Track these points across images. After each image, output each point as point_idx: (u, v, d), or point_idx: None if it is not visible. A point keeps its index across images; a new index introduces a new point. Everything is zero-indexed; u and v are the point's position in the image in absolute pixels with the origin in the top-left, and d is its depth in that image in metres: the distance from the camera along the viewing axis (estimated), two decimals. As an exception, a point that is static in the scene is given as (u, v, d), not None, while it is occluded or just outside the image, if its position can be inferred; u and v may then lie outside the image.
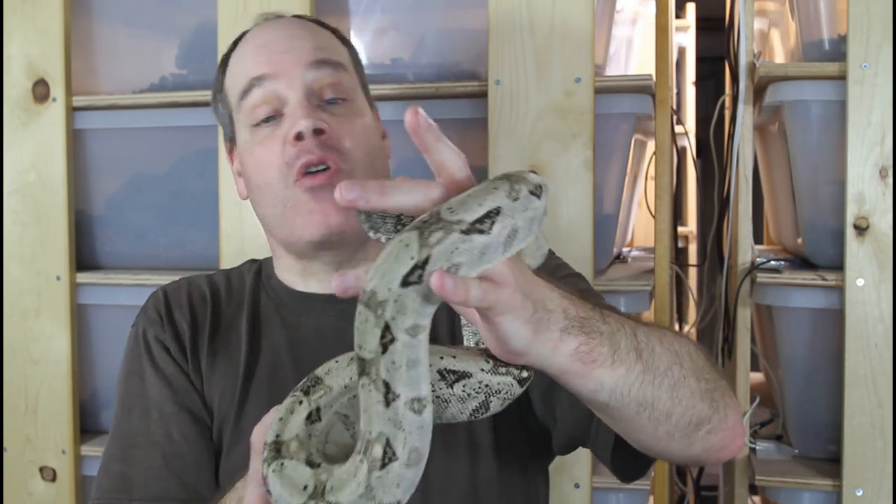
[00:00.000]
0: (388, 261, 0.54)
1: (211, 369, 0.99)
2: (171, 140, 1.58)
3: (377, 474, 0.57)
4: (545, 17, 1.35)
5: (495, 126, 1.37)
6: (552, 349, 0.62)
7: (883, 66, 1.30)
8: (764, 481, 1.41)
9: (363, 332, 0.56)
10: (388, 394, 0.56)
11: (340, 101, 0.97)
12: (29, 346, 1.58)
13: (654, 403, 0.68)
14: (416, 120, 0.58)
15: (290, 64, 0.95)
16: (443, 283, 0.52)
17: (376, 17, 1.51)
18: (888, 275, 1.31)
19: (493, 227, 0.55)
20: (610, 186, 1.48)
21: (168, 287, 1.05)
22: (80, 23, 1.60)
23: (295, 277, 1.02)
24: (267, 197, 0.97)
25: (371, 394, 0.57)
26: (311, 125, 0.92)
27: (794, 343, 1.44)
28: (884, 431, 1.32)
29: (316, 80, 0.96)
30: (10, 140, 1.58)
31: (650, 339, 0.68)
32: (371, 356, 0.56)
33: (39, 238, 1.57)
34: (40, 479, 1.58)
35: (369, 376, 0.57)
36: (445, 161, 0.59)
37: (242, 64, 0.99)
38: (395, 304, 0.55)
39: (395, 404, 0.56)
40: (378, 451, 0.57)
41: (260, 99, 0.96)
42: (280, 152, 0.94)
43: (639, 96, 1.42)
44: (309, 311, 1.01)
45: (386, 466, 0.57)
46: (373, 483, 0.57)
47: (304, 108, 0.93)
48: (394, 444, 0.57)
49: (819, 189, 1.41)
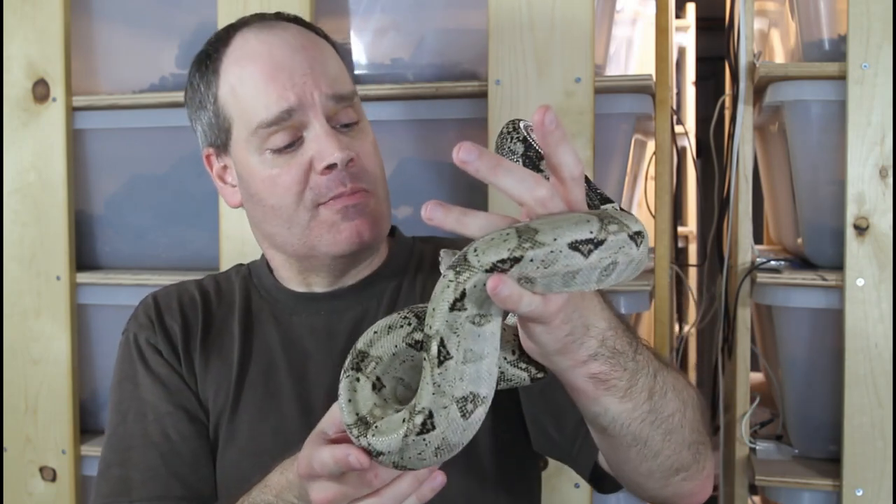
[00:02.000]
0: (490, 243, 0.58)
1: (204, 369, 1.00)
2: (171, 140, 1.58)
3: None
4: (545, 17, 1.35)
5: (495, 126, 1.37)
6: (572, 367, 0.66)
7: (883, 66, 1.30)
8: (764, 481, 1.41)
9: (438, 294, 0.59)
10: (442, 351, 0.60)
11: (353, 124, 0.98)
12: (29, 346, 1.58)
13: (647, 442, 0.73)
14: (544, 118, 0.58)
15: (310, 89, 0.93)
16: (498, 287, 0.56)
17: (376, 17, 1.51)
18: (888, 275, 1.31)
19: (591, 254, 0.58)
20: (610, 186, 1.48)
21: (158, 293, 1.05)
22: (80, 23, 1.60)
23: (289, 276, 1.03)
24: (279, 217, 0.96)
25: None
26: (344, 158, 0.92)
27: (794, 343, 1.44)
28: (884, 431, 1.32)
29: (335, 110, 0.95)
30: (10, 140, 1.58)
31: (666, 383, 0.73)
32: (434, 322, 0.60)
33: (39, 238, 1.57)
34: (40, 479, 1.58)
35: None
36: (563, 163, 0.60)
37: (259, 89, 0.94)
38: (477, 278, 0.58)
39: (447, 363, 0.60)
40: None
41: (282, 129, 0.93)
42: (301, 178, 0.93)
43: (639, 96, 1.42)
44: (301, 309, 1.02)
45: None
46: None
47: (332, 138, 0.93)
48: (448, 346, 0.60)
49: (819, 189, 1.41)
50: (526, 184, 0.59)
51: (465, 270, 0.58)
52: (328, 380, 0.96)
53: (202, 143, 1.03)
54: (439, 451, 0.62)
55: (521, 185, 0.59)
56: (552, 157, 0.60)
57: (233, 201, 1.03)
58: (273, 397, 0.98)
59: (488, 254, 0.57)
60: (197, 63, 1.01)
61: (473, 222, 0.59)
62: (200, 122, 1.01)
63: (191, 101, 1.02)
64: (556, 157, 0.60)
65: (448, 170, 1.49)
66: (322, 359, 0.98)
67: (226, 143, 0.99)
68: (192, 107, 1.02)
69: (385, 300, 1.00)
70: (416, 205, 1.47)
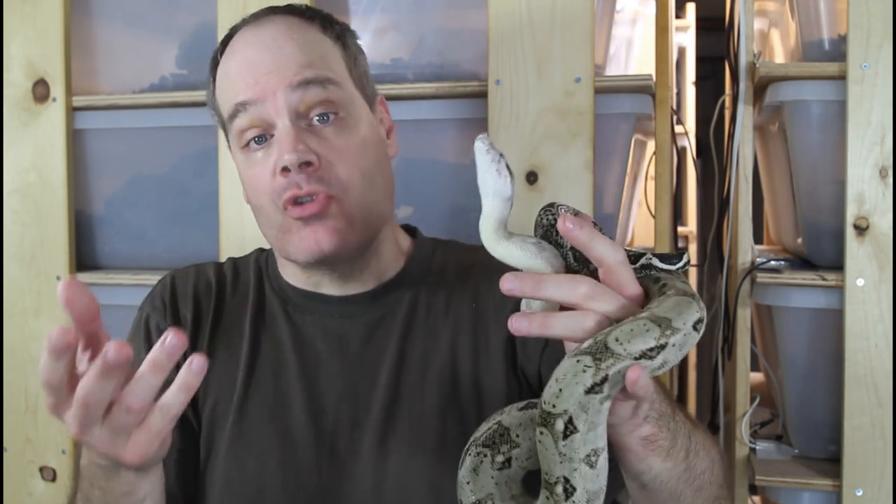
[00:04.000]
0: (631, 333, 0.64)
1: (211, 358, 0.98)
2: (171, 140, 1.58)
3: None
4: (545, 17, 1.35)
5: (495, 126, 1.37)
6: (630, 430, 0.71)
7: (883, 66, 1.30)
8: (764, 481, 1.41)
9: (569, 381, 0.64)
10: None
11: (332, 118, 0.93)
12: (29, 346, 1.58)
13: (681, 497, 0.77)
14: (565, 225, 0.66)
15: (273, 86, 0.91)
16: (640, 376, 0.62)
17: (376, 17, 1.51)
18: (888, 275, 1.31)
19: (701, 330, 0.66)
20: (610, 186, 1.48)
21: (177, 273, 1.05)
22: (80, 23, 1.60)
23: (294, 274, 1.03)
24: (262, 217, 0.96)
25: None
26: (295, 160, 0.88)
27: (794, 343, 1.44)
28: (884, 431, 1.32)
29: (302, 100, 0.91)
30: (10, 140, 1.58)
31: (698, 443, 0.78)
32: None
33: (39, 238, 1.57)
34: (40, 479, 1.58)
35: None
36: (603, 255, 0.66)
37: (228, 83, 0.95)
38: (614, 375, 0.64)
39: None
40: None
41: (247, 123, 0.93)
42: (270, 180, 0.92)
43: (639, 96, 1.42)
44: (313, 309, 1.01)
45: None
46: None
47: (289, 137, 0.90)
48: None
49: (819, 189, 1.41)
50: (566, 287, 0.65)
51: (609, 357, 0.63)
52: (339, 385, 0.96)
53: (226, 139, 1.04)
54: (590, 502, 0.67)
55: (563, 290, 0.65)
56: (590, 253, 0.66)
57: (245, 197, 1.03)
58: (282, 400, 0.97)
59: (635, 343, 0.63)
60: (211, 58, 1.02)
61: (558, 322, 0.66)
62: (216, 121, 1.03)
63: (208, 102, 1.04)
64: (593, 251, 0.66)
65: (448, 170, 1.49)
66: (334, 363, 0.97)
67: (228, 141, 1.01)
68: (209, 107, 1.04)
69: (403, 310, 0.99)
70: (416, 205, 1.47)
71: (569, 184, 1.35)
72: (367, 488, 0.93)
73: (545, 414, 0.64)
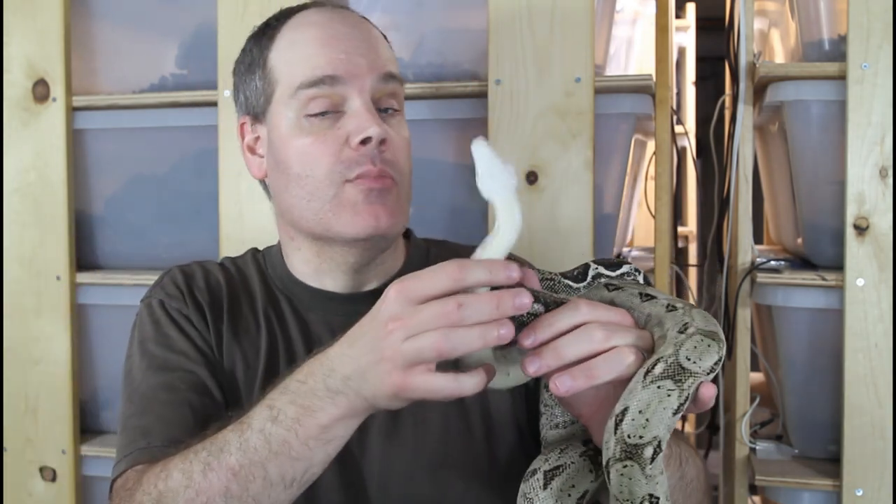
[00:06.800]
0: (695, 350, 0.66)
1: (233, 344, 0.99)
2: (171, 140, 1.58)
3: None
4: (545, 17, 1.35)
5: (495, 126, 1.37)
6: None
7: (883, 66, 1.30)
8: (764, 481, 1.41)
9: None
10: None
11: (393, 112, 0.98)
12: (29, 346, 1.58)
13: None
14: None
15: (364, 71, 0.94)
16: (711, 391, 0.66)
17: (376, 17, 1.50)
18: (888, 275, 1.31)
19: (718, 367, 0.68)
20: (610, 186, 1.48)
21: (182, 267, 1.05)
22: (80, 23, 1.60)
23: (307, 272, 1.02)
24: (305, 188, 0.95)
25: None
26: (381, 134, 0.92)
27: (794, 343, 1.44)
28: (884, 431, 1.32)
29: (383, 90, 0.96)
30: (10, 140, 1.58)
31: (686, 451, 0.81)
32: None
33: (39, 238, 1.57)
34: (40, 479, 1.58)
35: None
36: (580, 320, 0.69)
37: (310, 51, 0.95)
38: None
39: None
40: None
41: (326, 95, 0.94)
42: (335, 151, 0.93)
43: (639, 96, 1.42)
44: (318, 306, 1.01)
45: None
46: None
47: (371, 113, 0.94)
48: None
49: (819, 189, 1.41)
50: (584, 341, 0.67)
51: (689, 377, 0.64)
52: None
53: (240, 110, 1.04)
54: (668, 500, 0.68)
55: (582, 345, 0.67)
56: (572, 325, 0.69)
57: (257, 173, 1.03)
58: None
59: (705, 359, 0.65)
60: (255, 34, 1.02)
61: (602, 369, 0.67)
62: (245, 87, 1.02)
63: (240, 65, 1.03)
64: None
65: (448, 170, 1.49)
66: None
67: (265, 109, 0.99)
68: (240, 72, 1.03)
69: None
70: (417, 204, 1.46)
71: (569, 184, 1.35)
72: (374, 484, 0.94)
73: (630, 448, 0.64)
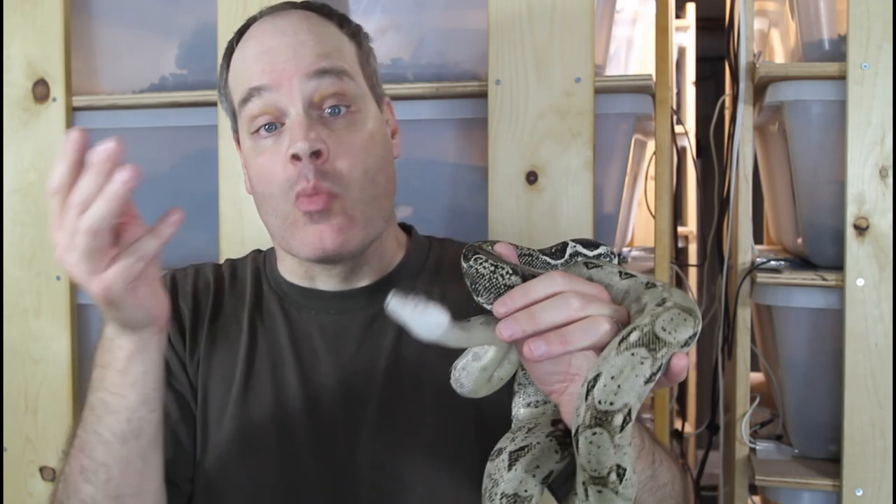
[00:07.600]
0: (671, 322, 0.65)
1: (209, 355, 0.99)
2: (171, 140, 1.58)
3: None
4: (545, 17, 1.35)
5: (495, 126, 1.37)
6: None
7: (883, 66, 1.30)
8: (764, 481, 1.41)
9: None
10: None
11: (343, 110, 0.94)
12: (29, 346, 1.58)
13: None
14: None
15: (290, 74, 0.92)
16: (684, 362, 0.65)
17: (376, 17, 1.51)
18: (888, 275, 1.31)
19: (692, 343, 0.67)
20: (610, 186, 1.48)
21: (177, 272, 1.06)
22: (80, 23, 1.60)
23: (298, 275, 1.03)
24: (269, 205, 0.96)
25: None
26: (307, 148, 0.89)
27: (794, 343, 1.44)
28: (884, 431, 1.32)
29: (317, 90, 0.92)
30: (10, 140, 1.58)
31: (661, 454, 0.80)
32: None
33: (39, 238, 1.57)
34: (40, 479, 1.58)
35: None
36: (553, 290, 0.68)
37: (244, 67, 0.96)
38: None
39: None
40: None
41: (259, 109, 0.93)
42: (283, 167, 0.92)
43: (639, 96, 1.42)
44: (310, 306, 1.01)
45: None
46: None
47: (302, 126, 0.90)
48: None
49: (819, 189, 1.41)
50: (561, 309, 0.66)
51: (663, 346, 0.64)
52: (334, 382, 0.96)
53: (231, 129, 1.05)
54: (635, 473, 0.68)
55: (559, 312, 0.66)
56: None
57: (247, 188, 1.03)
58: (279, 395, 0.97)
59: (680, 332, 0.65)
60: (224, 53, 1.03)
61: (576, 336, 0.66)
62: (225, 111, 1.04)
63: (218, 91, 1.05)
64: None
65: (448, 170, 1.49)
66: (331, 360, 0.97)
67: (236, 128, 1.01)
68: (219, 97, 1.04)
69: None
70: (417, 204, 1.47)
71: (569, 184, 1.35)
72: (365, 484, 0.93)
73: (601, 414, 0.63)
